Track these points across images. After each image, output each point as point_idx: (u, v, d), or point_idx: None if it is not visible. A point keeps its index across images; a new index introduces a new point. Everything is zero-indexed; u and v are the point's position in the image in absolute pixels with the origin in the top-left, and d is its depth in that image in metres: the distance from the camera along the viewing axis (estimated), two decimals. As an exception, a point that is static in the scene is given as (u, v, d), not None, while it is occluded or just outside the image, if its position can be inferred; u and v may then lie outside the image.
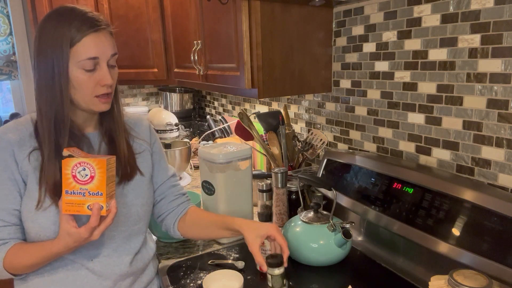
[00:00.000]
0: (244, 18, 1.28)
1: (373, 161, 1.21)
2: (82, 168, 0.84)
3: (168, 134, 2.37)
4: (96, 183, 0.85)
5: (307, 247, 1.10)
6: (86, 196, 0.85)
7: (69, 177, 0.84)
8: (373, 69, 1.32)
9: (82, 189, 0.85)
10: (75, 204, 0.85)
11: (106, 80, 0.94)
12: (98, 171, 0.84)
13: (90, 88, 0.93)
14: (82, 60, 0.91)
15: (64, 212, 0.85)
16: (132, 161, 1.07)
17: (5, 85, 2.78)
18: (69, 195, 0.85)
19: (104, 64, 0.94)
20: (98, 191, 0.85)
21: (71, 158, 0.84)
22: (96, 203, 0.85)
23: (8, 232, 0.94)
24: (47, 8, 2.10)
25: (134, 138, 1.10)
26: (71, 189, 0.85)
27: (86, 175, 0.84)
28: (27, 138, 0.95)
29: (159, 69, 2.21)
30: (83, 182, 0.84)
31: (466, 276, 0.79)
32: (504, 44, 0.94)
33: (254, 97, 1.36)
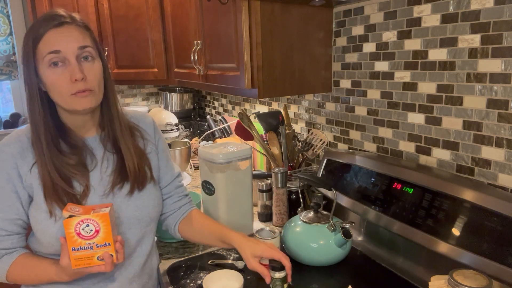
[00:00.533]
0: (244, 18, 1.28)
1: (373, 161, 1.21)
2: (86, 225, 0.83)
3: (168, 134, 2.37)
4: (103, 236, 0.84)
5: (307, 247, 1.10)
6: (94, 249, 0.84)
7: (73, 235, 0.83)
8: (373, 69, 1.32)
9: (89, 244, 0.84)
10: (84, 258, 0.85)
11: (75, 74, 0.89)
12: (103, 224, 0.84)
13: (63, 86, 0.90)
14: (45, 55, 0.89)
15: (74, 267, 0.85)
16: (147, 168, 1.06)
17: (5, 85, 2.78)
18: (76, 251, 0.84)
19: (71, 58, 0.90)
20: (105, 242, 0.85)
21: (72, 218, 0.83)
22: (105, 253, 0.85)
23: (11, 242, 0.94)
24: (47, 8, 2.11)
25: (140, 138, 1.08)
26: (78, 246, 0.84)
27: (91, 230, 0.84)
28: (29, 149, 0.94)
29: (159, 69, 2.21)
30: (89, 237, 0.84)
31: (466, 276, 0.79)
32: (504, 44, 0.94)
33: (254, 97, 1.36)
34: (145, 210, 1.04)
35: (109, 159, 1.02)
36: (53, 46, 0.89)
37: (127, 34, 2.18)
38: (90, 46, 0.93)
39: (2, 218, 0.93)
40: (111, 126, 1.02)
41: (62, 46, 0.89)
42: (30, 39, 0.90)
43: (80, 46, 0.91)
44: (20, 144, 0.94)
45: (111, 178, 1.00)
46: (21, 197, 0.94)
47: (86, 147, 0.99)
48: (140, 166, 1.03)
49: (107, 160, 1.01)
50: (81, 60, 0.92)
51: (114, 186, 0.99)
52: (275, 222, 1.41)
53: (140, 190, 1.03)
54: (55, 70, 0.90)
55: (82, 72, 0.91)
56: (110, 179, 1.00)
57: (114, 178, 1.00)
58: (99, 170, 0.99)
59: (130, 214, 1.00)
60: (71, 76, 0.90)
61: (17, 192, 0.93)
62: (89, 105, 0.94)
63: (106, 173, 1.00)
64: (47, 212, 0.91)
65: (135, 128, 1.08)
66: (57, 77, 0.90)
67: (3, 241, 0.94)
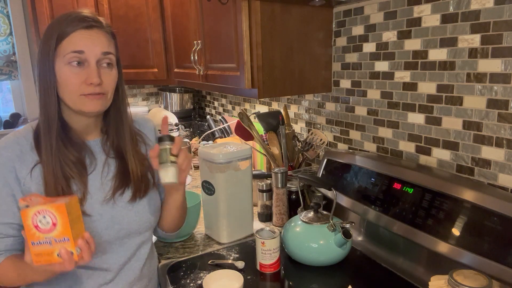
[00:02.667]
0: (244, 18, 1.28)
1: (373, 161, 1.21)
2: (42, 216, 0.78)
3: (168, 134, 2.37)
4: (60, 229, 0.78)
5: (307, 247, 1.10)
6: (53, 244, 0.79)
7: (31, 228, 0.79)
8: (373, 69, 1.32)
9: (48, 238, 0.78)
10: (44, 254, 0.79)
11: (92, 78, 0.90)
12: (59, 216, 0.78)
13: (76, 85, 0.90)
14: (68, 53, 0.89)
15: (36, 263, 0.80)
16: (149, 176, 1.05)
17: (5, 85, 2.78)
18: (36, 246, 0.79)
19: (92, 61, 0.91)
20: (64, 237, 0.78)
21: (29, 208, 0.78)
22: (63, 248, 0.79)
23: (5, 244, 0.93)
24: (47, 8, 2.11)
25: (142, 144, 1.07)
26: (36, 240, 0.78)
27: (48, 223, 0.78)
28: (28, 151, 0.93)
29: (159, 69, 2.21)
30: (46, 230, 0.79)
31: (466, 276, 0.79)
32: (504, 44, 0.94)
33: (254, 97, 1.36)
34: (145, 217, 1.04)
35: (111, 164, 1.01)
36: (78, 46, 0.89)
37: (127, 34, 2.18)
38: (112, 54, 0.95)
39: None
40: (117, 132, 1.02)
41: (87, 47, 0.90)
42: (55, 35, 0.89)
43: (104, 51, 0.92)
44: (19, 147, 0.93)
45: (112, 184, 0.99)
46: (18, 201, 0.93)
47: (87, 148, 0.99)
48: (143, 173, 1.03)
49: (108, 165, 1.01)
50: (101, 65, 0.93)
51: (115, 192, 0.99)
52: (275, 222, 1.41)
53: (141, 198, 1.02)
54: (72, 69, 0.90)
55: (100, 77, 0.91)
56: (111, 184, 0.99)
57: (115, 183, 1.00)
58: (99, 174, 0.99)
59: (131, 220, 1.00)
60: (87, 79, 0.90)
61: (14, 196, 0.92)
62: (97, 109, 0.94)
63: (107, 178, 1.00)
64: None
65: (137, 134, 1.08)
66: (72, 76, 0.90)
67: None
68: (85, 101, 0.92)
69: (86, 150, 0.99)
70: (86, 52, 0.90)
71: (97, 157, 1.00)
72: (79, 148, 0.97)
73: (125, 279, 1.02)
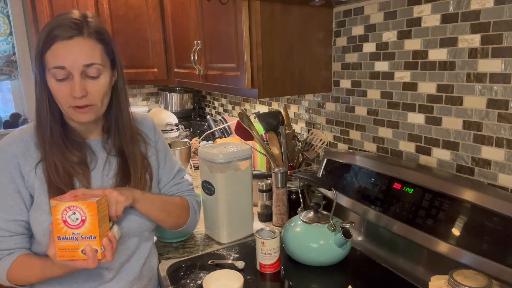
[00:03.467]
0: (244, 18, 1.28)
1: (373, 161, 1.21)
2: (72, 212, 0.81)
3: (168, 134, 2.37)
4: (88, 226, 0.81)
5: (307, 247, 1.10)
6: (79, 240, 0.81)
7: (59, 223, 0.81)
8: (373, 69, 1.32)
9: (74, 234, 0.81)
10: (69, 250, 0.82)
11: (75, 91, 0.88)
12: (89, 213, 0.81)
13: (63, 97, 0.90)
14: (51, 68, 0.88)
15: (59, 258, 0.82)
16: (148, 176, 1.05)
17: (5, 85, 2.78)
18: (61, 241, 0.81)
19: (76, 74, 0.88)
20: (91, 234, 0.81)
21: (60, 203, 0.81)
22: (88, 245, 0.81)
23: (14, 242, 0.94)
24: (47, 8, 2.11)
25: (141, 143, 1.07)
26: (63, 235, 0.81)
27: (77, 219, 0.81)
28: (32, 148, 0.94)
29: (159, 69, 2.21)
30: (74, 226, 0.81)
31: (466, 276, 0.79)
32: (504, 44, 0.94)
33: (254, 97, 1.36)
34: (146, 217, 1.04)
35: (112, 162, 1.02)
36: (59, 61, 0.87)
37: (127, 34, 2.18)
38: (97, 63, 0.90)
39: (5, 219, 0.93)
40: (119, 131, 1.02)
41: (68, 62, 0.87)
42: (42, 41, 0.89)
43: (86, 64, 0.89)
44: (23, 144, 0.94)
45: (113, 182, 1.00)
46: (24, 197, 0.93)
47: (87, 147, 1.00)
48: (142, 173, 1.04)
49: (109, 164, 1.01)
50: (86, 75, 0.90)
51: None
52: (275, 222, 1.41)
53: None
54: (58, 82, 0.89)
55: (84, 89, 0.89)
56: (112, 182, 1.00)
57: (116, 181, 1.00)
58: (100, 173, 0.99)
59: (131, 219, 1.01)
60: (72, 92, 0.89)
61: (19, 192, 0.93)
62: (88, 119, 0.94)
63: (108, 176, 1.00)
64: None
65: (137, 133, 1.08)
66: (58, 89, 0.89)
67: (6, 242, 0.93)
68: (74, 113, 0.92)
69: (87, 148, 0.99)
70: (67, 67, 0.88)
71: (98, 155, 1.01)
72: (80, 147, 0.98)
73: (125, 278, 1.02)
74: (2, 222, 0.93)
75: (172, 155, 1.19)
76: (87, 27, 0.90)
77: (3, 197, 0.93)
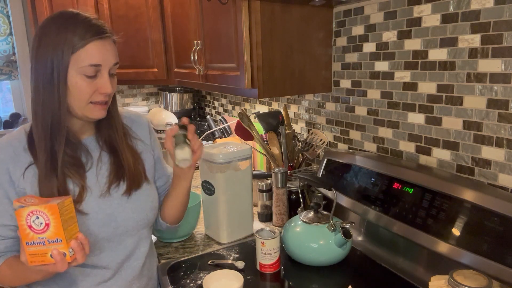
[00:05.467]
0: (244, 18, 1.28)
1: (373, 161, 1.21)
2: (35, 217, 0.79)
3: (168, 134, 2.37)
4: (53, 230, 0.79)
5: (307, 247, 1.10)
6: (47, 244, 0.80)
7: (25, 228, 0.79)
8: (373, 69, 1.32)
9: (41, 238, 0.79)
10: (38, 255, 0.80)
11: (106, 88, 0.92)
12: (52, 217, 0.79)
13: (88, 94, 0.92)
14: (85, 66, 0.89)
15: (30, 264, 0.81)
16: (140, 168, 1.06)
17: (5, 85, 2.78)
18: (30, 246, 0.80)
19: (105, 72, 0.93)
20: (56, 238, 0.79)
21: (23, 208, 0.79)
22: (55, 249, 0.80)
23: (5, 246, 0.93)
24: (47, 8, 2.10)
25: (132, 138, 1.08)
26: (30, 240, 0.79)
27: (41, 224, 0.79)
28: (21, 153, 0.93)
29: (159, 69, 2.21)
30: (39, 231, 0.79)
31: (466, 276, 0.79)
32: (504, 44, 0.94)
33: (254, 97, 1.36)
34: (143, 213, 1.04)
35: (104, 159, 1.02)
36: (96, 60, 0.90)
37: (127, 34, 2.17)
38: (119, 63, 0.97)
39: None
40: (110, 127, 1.03)
41: (104, 60, 0.91)
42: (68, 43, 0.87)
43: (115, 62, 0.95)
44: (12, 148, 0.93)
45: (107, 179, 1.00)
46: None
47: (82, 146, 1.00)
48: (135, 165, 1.04)
49: (102, 160, 1.01)
50: (110, 74, 0.95)
51: (110, 186, 0.99)
52: (275, 222, 1.41)
53: (136, 190, 1.03)
54: (87, 79, 0.91)
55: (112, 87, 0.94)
56: (107, 180, 1.00)
57: (110, 178, 1.00)
58: (95, 170, 0.99)
59: (128, 216, 1.00)
60: (100, 88, 0.92)
61: (9, 197, 0.92)
62: (102, 115, 0.97)
63: (102, 173, 1.00)
64: None
65: (130, 129, 1.09)
66: (86, 85, 0.91)
67: None
68: (93, 109, 0.94)
69: (82, 148, 0.99)
70: (103, 64, 0.92)
71: (92, 154, 1.01)
72: (75, 147, 0.97)
73: (124, 277, 1.02)
74: None
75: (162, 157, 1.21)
76: (110, 30, 0.95)
77: None
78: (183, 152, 1.00)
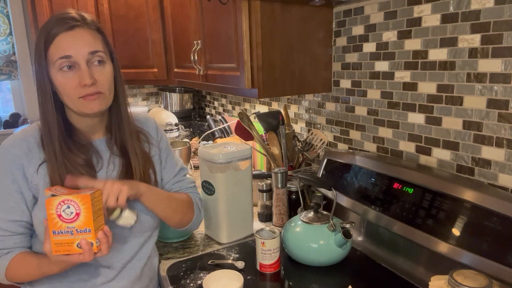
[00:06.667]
0: (244, 18, 1.28)
1: (373, 161, 1.21)
2: (66, 206, 0.81)
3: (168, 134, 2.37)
4: (83, 220, 0.81)
5: (307, 247, 1.10)
6: (74, 234, 0.81)
7: (54, 217, 0.81)
8: (373, 69, 1.32)
9: (69, 228, 0.81)
10: (64, 244, 0.81)
11: (84, 79, 0.90)
12: (83, 207, 0.81)
13: (72, 89, 0.91)
14: (56, 60, 0.89)
15: (54, 253, 0.82)
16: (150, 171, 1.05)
17: (5, 85, 2.78)
18: (57, 235, 0.81)
19: (82, 63, 0.90)
20: (85, 227, 0.81)
21: (54, 197, 0.81)
22: (83, 239, 0.81)
23: (14, 242, 0.94)
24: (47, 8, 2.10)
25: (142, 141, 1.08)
26: (58, 229, 0.81)
27: (71, 213, 0.81)
28: (35, 149, 0.94)
29: (159, 69, 2.21)
30: (69, 220, 0.81)
31: (466, 276, 0.79)
32: (504, 44, 0.94)
33: (254, 97, 1.36)
34: (149, 215, 1.04)
35: (115, 162, 1.02)
36: (64, 51, 0.89)
37: (127, 34, 2.17)
38: (101, 51, 0.93)
39: (5, 219, 0.93)
40: (120, 130, 1.02)
41: (73, 51, 0.89)
42: (42, 40, 0.90)
43: (91, 51, 0.91)
44: (26, 144, 0.94)
45: None
46: (26, 198, 0.93)
47: (93, 148, 1.00)
48: (145, 169, 1.04)
49: (113, 163, 1.01)
50: (92, 64, 0.92)
51: None
52: (275, 222, 1.41)
53: None
54: (65, 74, 0.90)
55: (92, 77, 0.91)
56: None
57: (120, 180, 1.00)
58: (105, 172, 0.99)
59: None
60: (81, 81, 0.90)
61: (22, 193, 0.93)
62: (98, 109, 0.94)
63: (112, 175, 1.00)
64: None
65: (140, 132, 1.09)
66: (66, 81, 0.90)
67: (6, 241, 0.93)
68: (84, 103, 0.93)
69: (93, 150, 0.99)
70: (73, 55, 0.90)
71: (103, 156, 1.01)
72: (86, 149, 0.98)
73: (126, 277, 1.02)
74: (2, 222, 0.93)
75: (174, 154, 1.19)
76: (85, 19, 0.93)
77: (4, 198, 0.93)
78: (125, 219, 0.93)
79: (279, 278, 1.08)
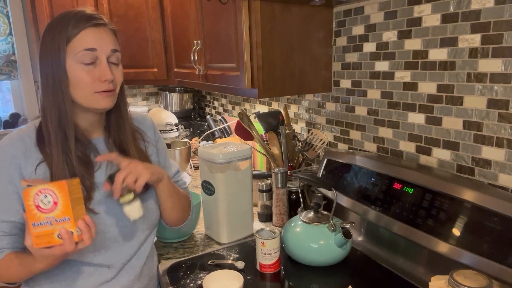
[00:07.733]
0: (244, 18, 1.28)
1: (373, 161, 1.21)
2: (43, 196, 0.79)
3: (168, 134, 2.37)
4: (61, 208, 0.79)
5: (307, 247, 1.10)
6: (54, 224, 0.79)
7: (32, 208, 0.79)
8: (373, 69, 1.32)
9: (48, 218, 0.79)
10: (45, 236, 0.79)
11: (106, 75, 0.92)
12: (60, 195, 0.79)
13: (89, 83, 0.92)
14: (79, 52, 0.90)
15: (36, 246, 0.80)
16: None
17: (5, 85, 2.77)
18: (36, 227, 0.79)
19: (103, 58, 0.93)
20: (64, 216, 0.79)
21: (31, 188, 0.78)
22: (63, 228, 0.79)
23: (7, 242, 0.93)
24: (47, 8, 2.10)
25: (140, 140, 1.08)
26: (37, 221, 0.79)
27: (49, 202, 0.79)
28: (32, 148, 0.93)
29: (159, 69, 2.21)
30: (47, 210, 0.79)
31: (466, 276, 0.79)
32: (504, 44, 0.94)
33: (254, 97, 1.36)
34: (149, 214, 1.04)
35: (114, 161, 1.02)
36: (90, 44, 0.90)
37: (127, 34, 2.17)
38: (119, 51, 0.97)
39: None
40: (119, 129, 1.03)
41: (98, 45, 0.91)
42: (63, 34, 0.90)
43: (113, 49, 0.95)
44: (23, 144, 0.93)
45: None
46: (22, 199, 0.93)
47: (92, 146, 0.99)
48: None
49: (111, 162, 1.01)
50: (110, 62, 0.95)
51: None
52: (275, 222, 1.41)
53: (143, 193, 1.02)
54: (85, 67, 0.91)
55: (112, 73, 0.94)
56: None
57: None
58: (104, 171, 0.99)
59: None
60: (101, 76, 0.92)
61: (18, 193, 0.92)
62: (109, 105, 0.96)
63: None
64: None
65: (137, 131, 1.09)
66: (85, 74, 0.91)
67: None
68: (98, 98, 0.94)
69: (91, 148, 0.99)
70: (98, 49, 0.92)
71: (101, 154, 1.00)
72: (84, 146, 0.97)
73: (126, 277, 1.02)
74: None
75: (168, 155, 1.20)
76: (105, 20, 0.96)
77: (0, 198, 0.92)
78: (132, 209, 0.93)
79: (279, 278, 1.08)
